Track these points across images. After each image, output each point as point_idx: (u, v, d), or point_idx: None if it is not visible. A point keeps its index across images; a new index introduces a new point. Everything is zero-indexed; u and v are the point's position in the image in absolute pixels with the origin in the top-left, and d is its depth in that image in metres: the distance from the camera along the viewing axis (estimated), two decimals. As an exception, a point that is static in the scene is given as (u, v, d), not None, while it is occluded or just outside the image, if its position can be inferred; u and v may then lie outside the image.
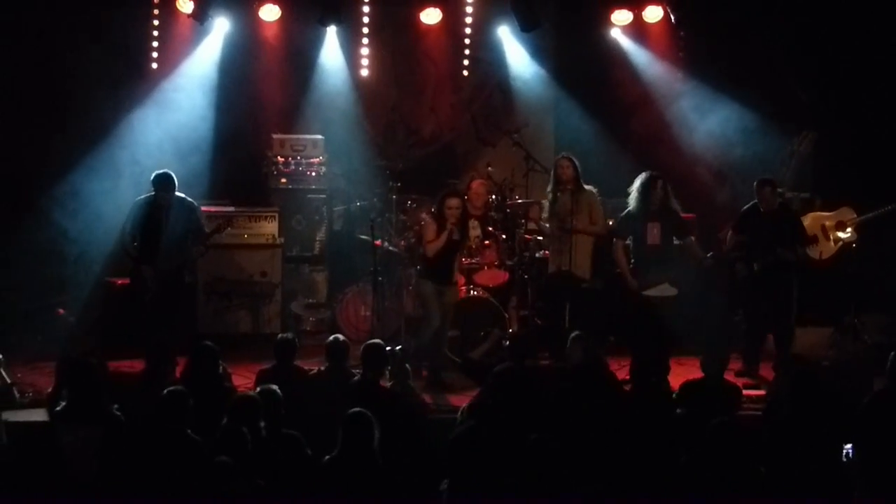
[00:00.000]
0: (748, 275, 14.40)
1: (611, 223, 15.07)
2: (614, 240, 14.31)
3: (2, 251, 15.52)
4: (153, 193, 14.08)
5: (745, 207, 14.72)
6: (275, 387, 10.43)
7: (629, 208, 14.25)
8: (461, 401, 12.56)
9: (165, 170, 14.14)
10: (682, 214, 15.31)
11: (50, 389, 11.38)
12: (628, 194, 14.43)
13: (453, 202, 14.03)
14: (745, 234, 14.45)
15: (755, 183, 14.61)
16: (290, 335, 12.45)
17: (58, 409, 10.47)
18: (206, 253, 14.61)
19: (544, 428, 10.39)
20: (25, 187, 15.94)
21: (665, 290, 14.05)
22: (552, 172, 14.90)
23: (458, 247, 14.23)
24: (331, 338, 12.14)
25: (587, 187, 14.72)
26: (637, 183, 14.21)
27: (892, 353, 11.06)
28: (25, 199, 15.86)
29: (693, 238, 14.83)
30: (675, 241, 14.37)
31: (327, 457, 9.58)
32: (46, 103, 16.08)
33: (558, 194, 14.73)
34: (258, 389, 10.52)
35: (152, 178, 14.09)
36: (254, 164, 17.01)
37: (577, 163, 14.71)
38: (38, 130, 16.01)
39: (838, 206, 15.54)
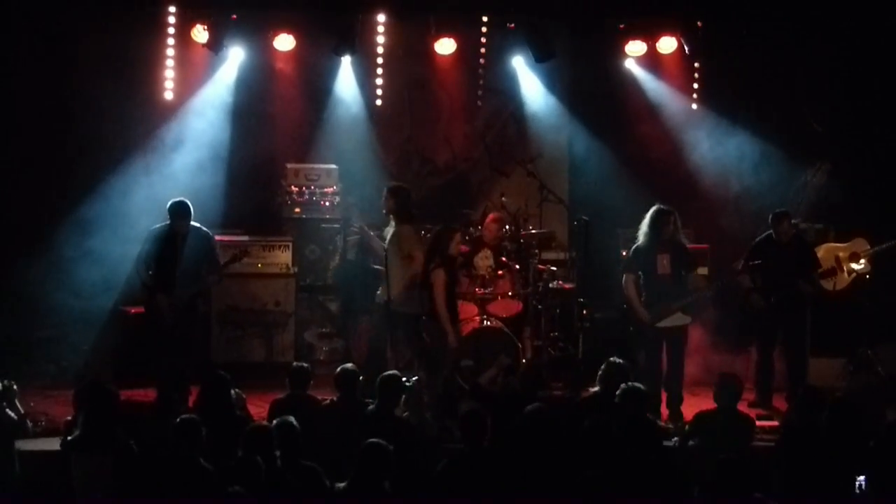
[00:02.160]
0: (763, 306, 14.39)
1: (623, 254, 15.05)
2: (624, 275, 14.25)
3: (16, 280, 15.55)
4: (168, 222, 14.10)
5: (757, 239, 14.71)
6: (291, 418, 10.41)
7: (638, 243, 14.21)
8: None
9: (181, 198, 14.17)
10: (695, 245, 15.35)
11: (69, 418, 11.35)
12: (640, 226, 14.37)
13: (458, 237, 13.98)
14: (759, 267, 14.43)
15: (772, 216, 14.59)
16: (304, 364, 12.45)
17: (70, 437, 10.48)
18: (220, 282, 14.64)
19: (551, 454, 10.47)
20: (39, 216, 15.98)
21: (679, 318, 14.03)
22: None
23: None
24: (339, 368, 12.13)
25: (403, 224, 14.49)
26: (647, 217, 14.19)
27: None
28: (39, 227, 15.89)
29: (704, 270, 14.83)
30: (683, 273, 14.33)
31: (339, 485, 9.60)
32: (61, 133, 16.13)
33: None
34: (275, 421, 10.48)
35: (168, 206, 14.11)
36: (268, 194, 17.05)
37: (398, 196, 14.59)
38: (52, 160, 16.08)
39: (852, 237, 15.52)
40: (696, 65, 17.39)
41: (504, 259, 15.50)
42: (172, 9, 16.43)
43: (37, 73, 16.09)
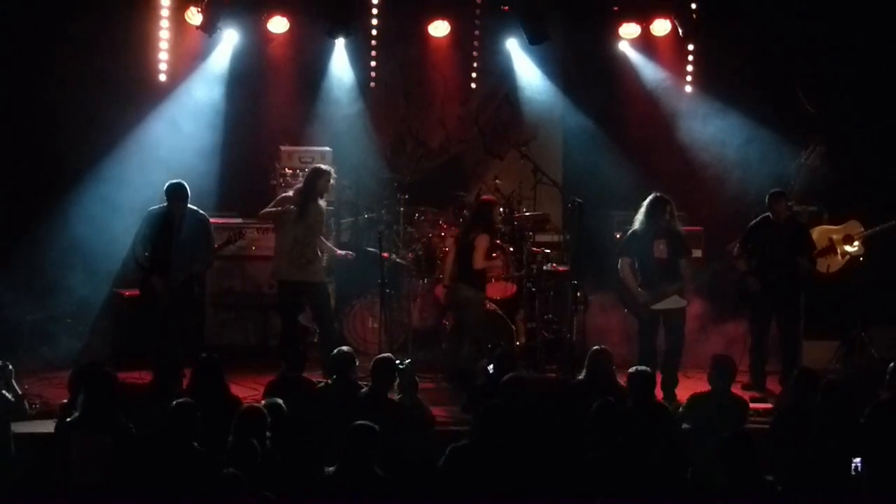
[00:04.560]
0: (759, 289, 14.39)
1: (618, 236, 15.05)
2: (620, 259, 14.28)
3: (10, 262, 15.53)
4: (165, 204, 14.13)
5: (753, 221, 14.71)
6: (279, 400, 10.42)
7: (634, 227, 14.25)
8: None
9: (179, 180, 14.20)
10: (689, 227, 15.40)
11: (65, 401, 11.37)
12: (636, 210, 14.38)
13: (498, 210, 14.62)
14: (755, 247, 14.45)
15: (769, 195, 14.60)
16: (299, 346, 12.50)
17: (69, 419, 10.49)
18: (210, 267, 14.64)
19: (542, 438, 10.51)
20: (34, 199, 15.97)
21: (674, 301, 14.06)
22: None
23: None
24: (335, 350, 12.14)
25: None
26: (644, 205, 14.22)
27: (892, 364, 11.16)
28: (34, 210, 15.88)
29: (699, 252, 14.85)
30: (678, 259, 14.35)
31: (329, 468, 9.62)
32: (54, 115, 16.08)
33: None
34: (263, 403, 10.50)
35: (165, 187, 14.16)
36: (262, 176, 17.03)
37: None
38: (45, 143, 16.04)
39: (846, 219, 15.53)
40: (690, 47, 17.38)
41: (498, 242, 15.50)
42: (166, -10, 16.45)
43: (30, 54, 16.05)
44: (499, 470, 9.95)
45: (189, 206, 14.19)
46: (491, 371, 12.43)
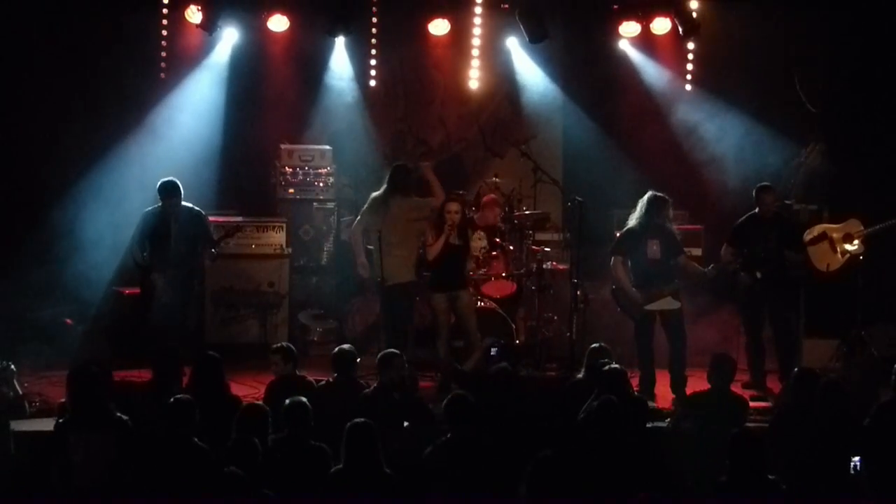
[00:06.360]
0: (752, 284, 14.38)
1: (617, 234, 15.04)
2: (612, 257, 14.23)
3: (10, 261, 15.52)
4: (160, 204, 14.14)
5: (739, 220, 14.67)
6: (304, 399, 10.39)
7: (629, 226, 14.21)
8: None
9: (170, 178, 14.21)
10: (690, 226, 15.39)
11: (63, 400, 11.38)
12: (633, 209, 14.34)
13: (452, 206, 14.12)
14: (744, 245, 14.42)
15: (756, 189, 14.57)
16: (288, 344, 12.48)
17: (61, 420, 10.51)
18: (217, 258, 14.63)
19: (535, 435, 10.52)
20: (34, 197, 15.98)
21: (668, 303, 14.02)
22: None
23: (462, 252, 14.30)
24: (337, 349, 12.13)
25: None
26: (642, 203, 14.18)
27: None
28: (34, 208, 15.89)
29: (699, 251, 14.85)
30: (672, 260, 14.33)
31: (334, 468, 9.61)
32: (55, 113, 16.09)
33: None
34: (288, 402, 10.44)
35: (158, 186, 14.18)
36: (262, 174, 17.06)
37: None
38: (46, 140, 16.06)
39: (846, 218, 15.50)
40: (690, 45, 17.37)
41: (498, 240, 15.51)
42: (166, -11, 16.46)
43: (29, 54, 16.05)
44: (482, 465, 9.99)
45: (184, 203, 14.21)
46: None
